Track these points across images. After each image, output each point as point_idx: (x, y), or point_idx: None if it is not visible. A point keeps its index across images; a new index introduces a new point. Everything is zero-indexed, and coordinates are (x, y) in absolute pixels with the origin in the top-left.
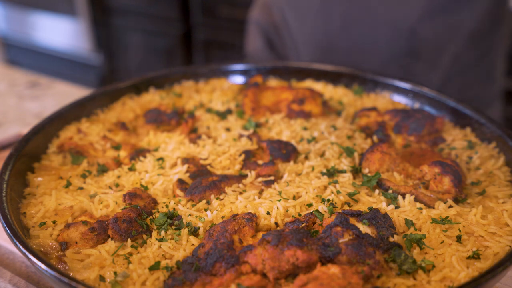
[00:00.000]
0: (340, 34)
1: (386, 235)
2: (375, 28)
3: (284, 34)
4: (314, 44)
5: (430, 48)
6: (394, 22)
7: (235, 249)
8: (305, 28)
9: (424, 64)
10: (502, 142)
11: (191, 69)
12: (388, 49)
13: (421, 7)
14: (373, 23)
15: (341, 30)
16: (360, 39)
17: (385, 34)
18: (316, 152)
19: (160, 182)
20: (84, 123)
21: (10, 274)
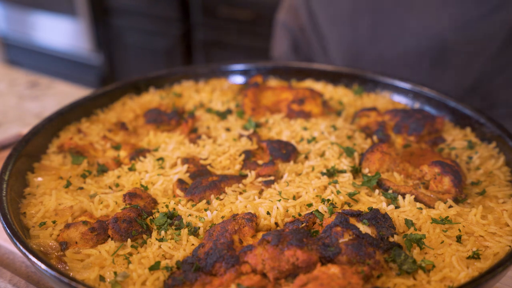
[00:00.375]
0: (369, 43)
1: (386, 235)
2: (404, 38)
3: (310, 37)
4: (342, 51)
5: (461, 57)
6: (424, 32)
7: (235, 249)
8: (334, 35)
9: (454, 72)
10: (502, 142)
11: (191, 69)
12: (416, 58)
13: (452, 18)
14: (402, 33)
15: (369, 39)
16: (389, 49)
17: (414, 44)
18: (316, 152)
19: (160, 182)
20: (84, 123)
21: (10, 274)
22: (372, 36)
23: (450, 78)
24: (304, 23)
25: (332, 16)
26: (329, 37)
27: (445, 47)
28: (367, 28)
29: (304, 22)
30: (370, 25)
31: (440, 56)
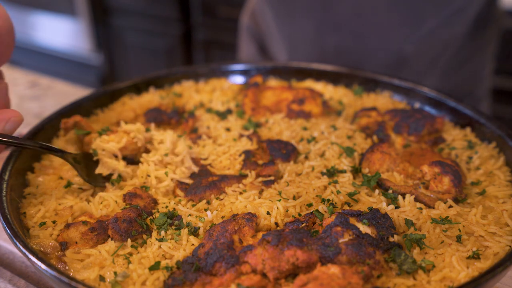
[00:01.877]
0: (334, 61)
1: (386, 235)
2: (368, 53)
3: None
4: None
5: (423, 61)
6: (385, 46)
7: (235, 249)
8: (297, 55)
9: (416, 76)
10: (502, 142)
11: (191, 69)
12: (381, 67)
13: (409, 31)
14: (365, 49)
15: (334, 57)
16: (353, 64)
17: (376, 57)
18: (316, 152)
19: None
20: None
21: (10, 274)
22: (337, 53)
23: (417, 78)
24: (265, 32)
25: (296, 39)
26: (292, 55)
27: (405, 56)
28: (333, 47)
29: (265, 30)
30: (335, 46)
31: (403, 63)
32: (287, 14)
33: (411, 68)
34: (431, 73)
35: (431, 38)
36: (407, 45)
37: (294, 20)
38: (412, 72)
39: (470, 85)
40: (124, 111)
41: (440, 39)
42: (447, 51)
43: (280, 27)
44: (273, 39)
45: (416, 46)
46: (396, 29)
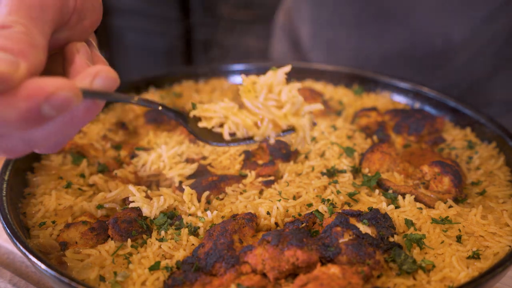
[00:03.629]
0: (375, 45)
1: (386, 235)
2: (412, 41)
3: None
4: (345, 58)
5: (462, 58)
6: (431, 35)
7: (235, 249)
8: (333, 59)
9: (454, 72)
10: (502, 142)
11: (191, 69)
12: (418, 58)
13: (459, 18)
14: (410, 37)
15: (376, 41)
16: (393, 48)
17: (418, 44)
18: (316, 152)
19: None
20: None
21: (10, 274)
22: (378, 38)
23: (450, 78)
24: (301, 29)
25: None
26: (329, 59)
27: (449, 49)
28: (374, 54)
29: (300, 28)
30: (377, 29)
31: (442, 57)
32: (327, 16)
33: (455, 58)
34: (468, 73)
35: (480, 27)
36: (455, 30)
37: (332, 24)
38: (455, 64)
39: (500, 93)
40: (124, 111)
41: (489, 30)
42: (487, 52)
43: (318, 30)
44: (309, 39)
45: (465, 33)
46: (445, 12)
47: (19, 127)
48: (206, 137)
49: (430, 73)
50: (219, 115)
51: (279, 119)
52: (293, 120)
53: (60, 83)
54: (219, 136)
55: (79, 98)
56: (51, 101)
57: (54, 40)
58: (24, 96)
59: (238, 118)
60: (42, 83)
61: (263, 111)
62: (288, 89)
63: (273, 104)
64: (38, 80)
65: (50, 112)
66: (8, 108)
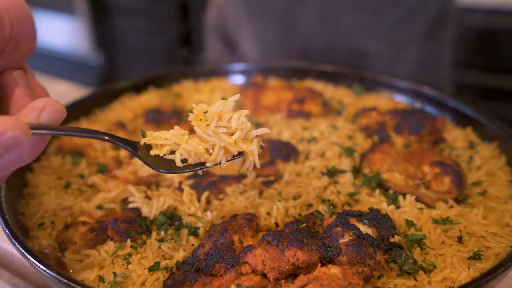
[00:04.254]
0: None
1: (387, 235)
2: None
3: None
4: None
5: (387, 60)
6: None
7: (235, 250)
8: (267, 53)
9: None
10: (503, 142)
11: (191, 69)
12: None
13: (371, 29)
14: (329, 48)
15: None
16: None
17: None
18: (316, 152)
19: None
20: (83, 123)
21: (9, 275)
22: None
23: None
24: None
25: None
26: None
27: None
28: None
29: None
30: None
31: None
32: (257, 13)
33: (375, 64)
34: (396, 68)
35: (392, 36)
36: (369, 43)
37: (264, 18)
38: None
39: (432, 74)
40: (124, 111)
41: (401, 36)
42: (410, 48)
43: (251, 25)
44: (243, 37)
45: (378, 44)
46: (359, 28)
47: None
48: (158, 165)
49: None
50: (170, 143)
51: (230, 146)
52: (243, 146)
53: (8, 123)
54: (171, 163)
55: (28, 136)
56: (0, 141)
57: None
58: None
59: (189, 145)
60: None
61: (214, 139)
62: (237, 117)
63: (223, 131)
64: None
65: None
66: None
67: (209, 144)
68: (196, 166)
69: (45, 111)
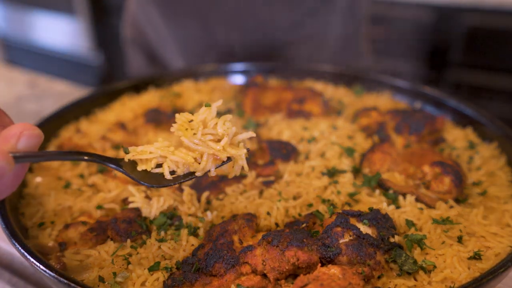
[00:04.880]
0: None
1: (387, 235)
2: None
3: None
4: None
5: (307, 47)
6: (270, 37)
7: (235, 250)
8: (190, 55)
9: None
10: (504, 142)
11: (191, 69)
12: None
13: (288, 21)
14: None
15: (225, 53)
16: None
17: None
18: (316, 152)
19: None
20: (83, 123)
21: (9, 275)
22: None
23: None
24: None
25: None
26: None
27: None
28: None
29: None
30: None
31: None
32: (175, 14)
33: (297, 55)
34: (317, 56)
35: (309, 26)
36: (289, 35)
37: (182, 20)
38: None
39: (353, 61)
40: (124, 111)
41: (317, 26)
42: (327, 37)
43: (170, 29)
44: (163, 44)
45: (297, 34)
46: (277, 20)
47: None
48: (146, 180)
49: None
50: (156, 156)
51: (219, 153)
52: (232, 151)
53: None
54: (159, 177)
55: (11, 165)
56: None
57: None
58: None
59: (177, 156)
60: None
61: (202, 147)
62: (222, 122)
63: (210, 138)
64: None
65: None
66: None
67: (197, 153)
68: (186, 177)
69: (23, 137)
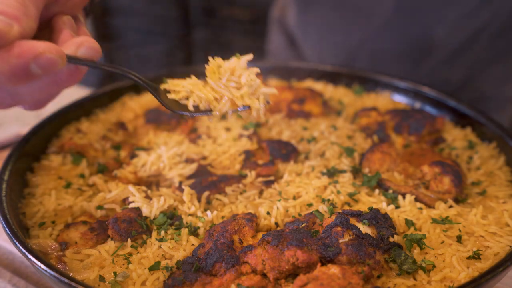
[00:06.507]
0: (360, 49)
1: (386, 235)
2: (393, 40)
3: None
4: (334, 54)
5: (448, 53)
6: (411, 32)
7: (235, 249)
8: (324, 43)
9: (441, 68)
10: (503, 142)
11: (191, 69)
12: (405, 55)
13: (437, 16)
14: (391, 36)
15: (360, 44)
16: (380, 50)
17: (403, 44)
18: (316, 152)
19: None
20: (84, 123)
21: (10, 274)
22: (363, 41)
23: (438, 74)
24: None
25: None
26: (319, 44)
27: (432, 45)
28: (358, 34)
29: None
30: (360, 31)
31: (427, 53)
32: (313, 16)
33: (436, 57)
34: (456, 65)
35: (461, 26)
36: (436, 29)
37: (314, 11)
38: (435, 62)
39: (494, 87)
40: (124, 111)
41: (469, 28)
42: (475, 44)
43: (305, 30)
44: (303, 36)
45: (446, 32)
46: (425, 11)
47: (9, 81)
48: (173, 106)
49: (416, 67)
50: (186, 90)
51: (236, 99)
52: (248, 101)
53: (48, 46)
54: (184, 107)
55: (63, 61)
56: (39, 61)
57: (45, 13)
58: (16, 53)
59: (201, 92)
60: (33, 44)
61: (224, 91)
62: (248, 74)
63: (233, 85)
64: (29, 41)
65: (37, 71)
66: (1, 63)
67: (219, 95)
68: (205, 112)
69: (83, 46)
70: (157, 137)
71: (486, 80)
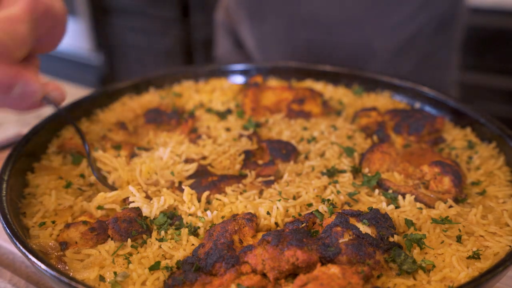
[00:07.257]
0: (305, 57)
1: (386, 235)
2: (337, 48)
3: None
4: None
5: (388, 55)
6: (354, 40)
7: (235, 249)
8: (268, 53)
9: (387, 64)
10: (502, 142)
11: (191, 69)
12: (350, 61)
13: (376, 24)
14: (335, 44)
15: (305, 52)
16: (323, 59)
17: (345, 50)
18: (316, 152)
19: None
20: (84, 123)
21: (10, 274)
22: (308, 49)
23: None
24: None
25: (267, 35)
26: (264, 52)
27: (373, 52)
28: (304, 43)
29: (238, 27)
30: (306, 40)
31: (371, 57)
32: (258, 13)
33: (379, 60)
34: (399, 64)
35: (398, 32)
36: (375, 38)
37: (265, 19)
38: (379, 64)
39: (437, 76)
40: (124, 111)
41: (407, 33)
42: (414, 45)
43: (251, 27)
44: (245, 37)
45: (384, 39)
46: (364, 23)
47: None
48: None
49: None
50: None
51: None
52: None
53: (43, 83)
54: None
55: (41, 95)
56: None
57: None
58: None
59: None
60: (33, 74)
61: None
62: None
63: None
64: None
65: (17, 91)
66: None
67: None
68: None
69: (57, 90)
70: (157, 137)
71: (430, 67)
